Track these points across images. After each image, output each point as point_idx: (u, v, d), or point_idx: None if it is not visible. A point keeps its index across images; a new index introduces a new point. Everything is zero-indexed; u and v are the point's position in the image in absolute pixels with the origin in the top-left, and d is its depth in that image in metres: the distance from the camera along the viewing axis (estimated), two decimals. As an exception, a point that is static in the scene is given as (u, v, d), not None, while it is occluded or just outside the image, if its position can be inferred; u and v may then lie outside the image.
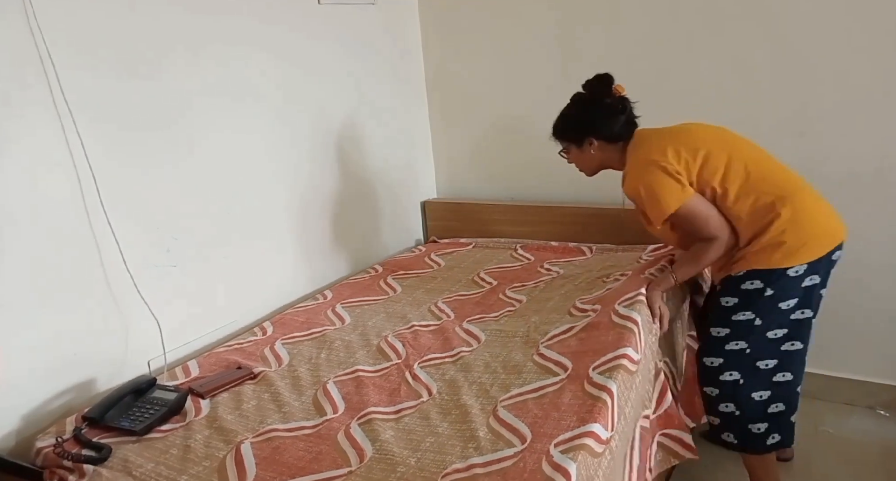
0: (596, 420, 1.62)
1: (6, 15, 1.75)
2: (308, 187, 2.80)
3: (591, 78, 2.21)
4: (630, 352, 1.91)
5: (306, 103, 2.75)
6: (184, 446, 1.72)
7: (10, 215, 1.79)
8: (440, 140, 3.54)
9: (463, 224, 3.41)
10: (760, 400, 2.11)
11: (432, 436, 1.67)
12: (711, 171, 2.04)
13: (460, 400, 1.83)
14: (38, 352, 1.87)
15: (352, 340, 2.30)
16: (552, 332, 2.15)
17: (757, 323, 2.06)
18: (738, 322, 2.08)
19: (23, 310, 1.83)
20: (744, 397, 2.12)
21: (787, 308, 2.04)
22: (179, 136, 2.23)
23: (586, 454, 1.52)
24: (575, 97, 2.26)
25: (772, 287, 2.02)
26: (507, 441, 1.60)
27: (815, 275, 2.04)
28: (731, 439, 2.19)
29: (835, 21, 2.53)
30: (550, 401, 1.75)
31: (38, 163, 1.84)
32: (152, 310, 2.13)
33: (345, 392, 1.95)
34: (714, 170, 2.03)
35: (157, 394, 1.89)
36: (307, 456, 1.64)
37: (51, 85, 1.85)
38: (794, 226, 2.00)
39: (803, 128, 2.68)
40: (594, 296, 2.39)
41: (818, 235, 2.04)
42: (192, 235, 2.29)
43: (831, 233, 2.06)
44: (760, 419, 2.13)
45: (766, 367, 2.09)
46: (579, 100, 2.25)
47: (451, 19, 3.32)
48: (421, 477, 1.50)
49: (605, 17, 2.94)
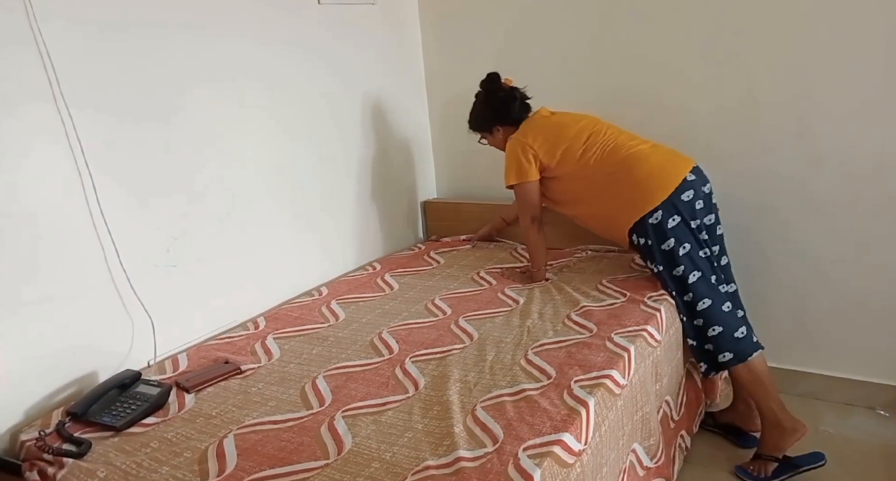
0: (568, 430, 1.63)
1: (9, 29, 1.78)
2: (308, 187, 2.81)
3: (484, 78, 2.69)
4: (616, 375, 1.91)
5: (306, 103, 2.77)
6: (165, 439, 1.74)
7: (10, 215, 1.81)
8: (440, 140, 3.55)
9: (463, 224, 3.41)
10: (729, 311, 2.39)
11: (410, 432, 1.68)
12: (568, 159, 2.50)
13: (443, 397, 1.83)
14: (36, 349, 1.90)
15: (345, 336, 2.30)
16: (542, 340, 2.15)
17: (686, 247, 2.37)
18: (680, 254, 2.37)
19: (22, 309, 1.85)
20: (719, 314, 2.37)
21: (695, 226, 2.39)
22: (179, 136, 2.26)
23: (553, 462, 1.52)
24: (475, 95, 2.74)
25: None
26: (480, 441, 1.61)
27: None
28: (728, 356, 2.39)
29: (835, 21, 2.51)
30: (528, 406, 1.75)
31: (36, 161, 1.87)
32: (151, 308, 2.16)
33: (333, 386, 1.96)
34: (571, 155, 2.49)
35: (140, 389, 1.90)
36: (288, 447, 1.66)
37: (51, 85, 1.88)
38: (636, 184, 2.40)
39: (803, 129, 2.66)
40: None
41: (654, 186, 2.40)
42: (191, 235, 2.32)
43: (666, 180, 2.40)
44: (737, 324, 2.40)
45: (715, 283, 2.41)
46: (479, 97, 2.73)
47: (452, 19, 3.32)
48: (392, 474, 1.51)
49: (606, 17, 2.93)
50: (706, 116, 2.82)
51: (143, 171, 2.15)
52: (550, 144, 2.52)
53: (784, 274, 2.84)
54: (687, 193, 2.36)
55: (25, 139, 1.84)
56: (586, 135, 2.51)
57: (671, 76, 2.86)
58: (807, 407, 2.77)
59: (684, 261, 2.36)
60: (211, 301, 2.41)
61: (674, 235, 2.35)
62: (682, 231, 2.36)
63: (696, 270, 2.36)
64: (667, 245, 2.36)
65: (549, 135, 2.54)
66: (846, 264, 2.71)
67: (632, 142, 2.47)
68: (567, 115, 2.61)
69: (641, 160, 2.42)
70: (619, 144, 2.47)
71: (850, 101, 2.56)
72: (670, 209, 2.35)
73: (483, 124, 2.73)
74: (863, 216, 2.63)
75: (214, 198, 2.40)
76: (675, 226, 2.35)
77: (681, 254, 2.36)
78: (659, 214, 2.35)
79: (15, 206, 1.82)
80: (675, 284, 2.39)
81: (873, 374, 2.78)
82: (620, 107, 2.88)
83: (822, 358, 2.86)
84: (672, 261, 2.37)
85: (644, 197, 2.38)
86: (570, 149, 2.49)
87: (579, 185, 2.53)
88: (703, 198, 2.41)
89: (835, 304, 2.78)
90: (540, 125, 2.59)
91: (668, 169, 2.41)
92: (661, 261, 2.40)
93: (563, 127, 2.55)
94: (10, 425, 1.85)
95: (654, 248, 2.39)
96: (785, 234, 2.79)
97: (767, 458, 2.42)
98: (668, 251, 2.37)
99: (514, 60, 3.17)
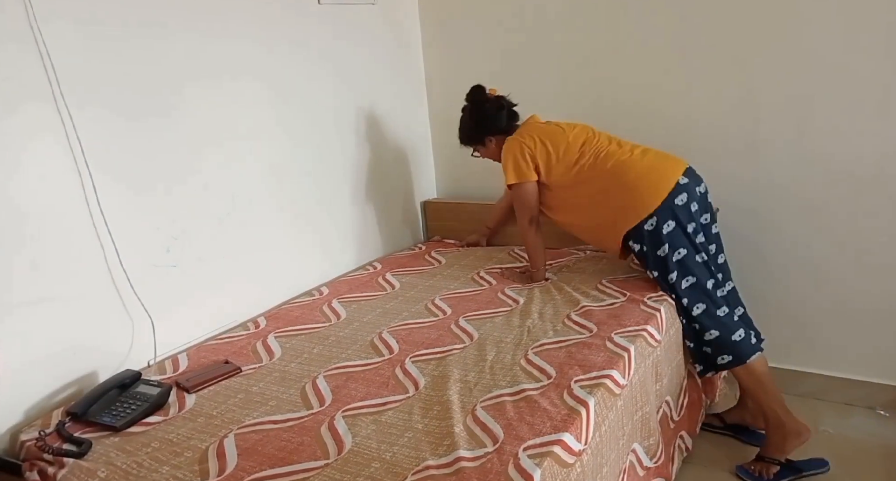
0: (568, 429, 1.63)
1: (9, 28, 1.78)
2: (308, 187, 2.81)
3: (469, 90, 2.70)
4: (616, 375, 1.91)
5: (306, 103, 2.77)
6: (165, 439, 1.74)
7: (10, 214, 1.81)
8: (440, 140, 3.55)
9: (463, 224, 3.41)
10: (725, 314, 2.39)
11: (410, 432, 1.68)
12: (564, 164, 2.51)
13: (443, 397, 1.83)
14: (36, 349, 1.90)
15: (345, 336, 2.31)
16: (543, 340, 2.15)
17: (682, 253, 2.37)
18: (673, 260, 2.36)
19: (21, 309, 1.85)
20: (714, 319, 2.38)
21: (691, 230, 2.37)
22: (180, 136, 2.26)
23: (553, 462, 1.53)
24: (462, 109, 2.74)
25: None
26: (480, 441, 1.61)
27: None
28: (727, 359, 2.39)
29: (835, 21, 2.51)
30: (528, 406, 1.75)
31: (36, 161, 1.87)
32: (151, 308, 2.16)
33: (333, 385, 1.96)
34: (567, 161, 2.50)
35: (140, 389, 1.90)
36: (289, 447, 1.66)
37: (51, 85, 1.88)
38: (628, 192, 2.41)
39: (803, 129, 2.66)
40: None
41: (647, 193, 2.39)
42: (191, 235, 2.32)
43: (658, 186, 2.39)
44: (735, 327, 2.39)
45: (711, 288, 2.39)
46: (466, 110, 2.74)
47: (452, 19, 3.32)
48: (392, 474, 1.51)
49: (605, 16, 2.93)
50: (706, 116, 2.82)
51: (144, 171, 2.15)
52: (547, 149, 2.52)
53: (784, 274, 2.84)
54: (680, 197, 2.36)
55: (25, 139, 1.84)
56: (580, 141, 2.52)
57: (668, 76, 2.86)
58: (807, 407, 2.77)
59: (676, 268, 2.36)
60: (211, 301, 2.41)
61: (668, 241, 2.35)
62: (677, 236, 2.36)
63: (688, 276, 2.36)
64: (661, 251, 2.36)
65: (545, 139, 2.54)
66: (846, 264, 2.71)
67: (622, 149, 2.47)
68: (561, 124, 2.61)
69: (631, 167, 2.41)
70: (610, 152, 2.46)
71: (850, 103, 2.55)
72: (665, 215, 2.34)
73: (474, 137, 2.73)
74: (863, 216, 2.63)
75: (214, 198, 2.40)
76: (671, 231, 2.35)
77: (674, 260, 2.35)
78: (654, 220, 2.35)
79: (14, 206, 1.82)
80: (670, 290, 2.40)
81: (873, 374, 2.78)
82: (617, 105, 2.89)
83: (822, 358, 2.86)
84: (665, 266, 2.37)
85: (637, 204, 2.38)
86: (566, 154, 2.50)
87: (572, 192, 2.53)
88: (697, 199, 2.40)
89: (835, 305, 2.78)
90: (536, 129, 2.59)
91: (659, 174, 2.40)
92: (654, 267, 2.40)
93: (558, 134, 2.55)
94: (10, 425, 1.85)
95: (649, 254, 2.39)
96: (784, 235, 2.79)
97: (770, 461, 2.41)
98: (662, 257, 2.36)
99: (514, 60, 3.18)
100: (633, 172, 2.40)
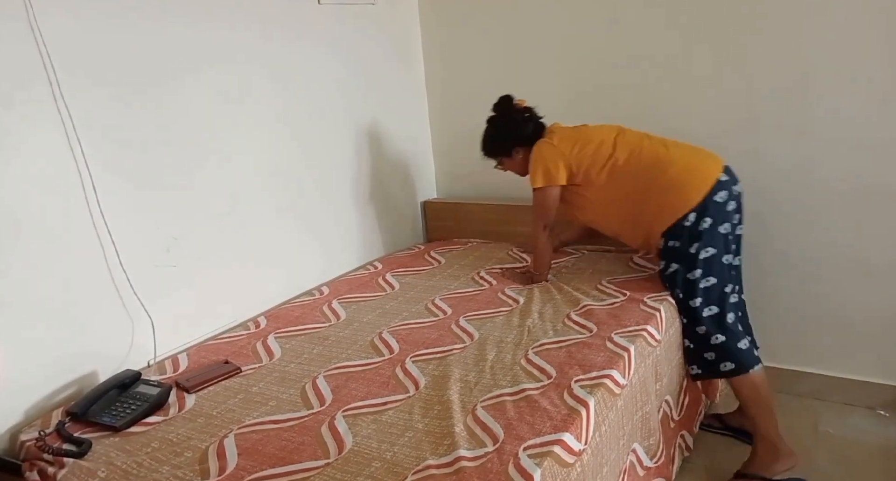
0: (568, 429, 1.63)
1: (6, 21, 1.78)
2: (308, 188, 2.81)
3: (496, 101, 2.63)
4: (616, 375, 1.91)
5: (306, 103, 2.77)
6: (165, 439, 1.74)
7: (9, 214, 1.81)
8: (440, 140, 3.55)
9: (463, 224, 3.42)
10: (733, 322, 2.35)
11: (411, 431, 1.68)
12: (598, 162, 2.45)
13: (444, 397, 1.83)
14: (35, 349, 1.90)
15: (345, 336, 2.31)
16: (543, 340, 2.15)
17: (710, 251, 2.32)
18: (700, 257, 2.32)
19: (23, 309, 1.86)
20: (724, 324, 2.34)
21: (724, 231, 2.33)
22: (180, 136, 2.26)
23: (553, 461, 1.52)
24: (489, 120, 2.66)
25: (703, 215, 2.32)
26: (480, 440, 1.61)
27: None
28: (730, 366, 2.35)
29: (835, 20, 2.51)
30: (528, 406, 1.75)
31: (36, 160, 1.87)
32: (151, 308, 2.16)
33: (334, 385, 1.96)
34: (600, 159, 2.44)
35: (140, 389, 1.90)
36: (289, 447, 1.66)
37: (51, 85, 1.88)
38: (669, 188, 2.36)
39: (803, 129, 2.66)
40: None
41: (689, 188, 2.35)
42: (191, 235, 2.32)
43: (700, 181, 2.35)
44: (741, 336, 2.36)
45: (727, 292, 2.36)
46: (494, 121, 2.66)
47: (452, 19, 3.32)
48: (392, 473, 1.51)
49: (606, 16, 2.93)
50: (705, 117, 2.82)
51: (144, 171, 2.15)
52: (580, 148, 2.47)
53: (784, 274, 2.83)
54: (720, 194, 2.31)
55: (23, 137, 1.84)
56: (612, 138, 2.47)
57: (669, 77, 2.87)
58: (807, 407, 2.77)
59: (702, 266, 2.31)
60: (211, 301, 2.41)
61: (702, 238, 2.31)
62: (711, 234, 2.31)
63: (710, 276, 2.32)
64: (694, 247, 2.31)
65: (577, 138, 2.49)
66: (846, 265, 2.71)
67: (657, 143, 2.44)
68: (587, 126, 2.57)
69: (670, 162, 2.37)
70: (644, 147, 2.42)
71: (851, 106, 2.55)
72: (704, 211, 2.30)
73: (502, 148, 2.65)
74: (863, 215, 2.62)
75: (214, 198, 2.40)
76: (707, 228, 2.30)
77: (701, 258, 2.31)
78: (693, 216, 2.31)
79: (14, 206, 1.82)
80: (686, 287, 2.35)
81: (873, 374, 2.77)
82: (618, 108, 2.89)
83: (822, 358, 2.86)
84: (692, 263, 2.33)
85: (680, 199, 2.33)
86: (598, 151, 2.45)
87: (607, 190, 2.46)
88: (735, 198, 2.36)
89: (835, 305, 2.77)
90: (564, 132, 2.55)
91: (700, 170, 2.36)
92: (680, 261, 2.36)
93: (587, 133, 2.52)
94: (10, 425, 1.85)
95: (681, 250, 2.34)
96: (785, 235, 2.79)
97: (753, 477, 2.36)
98: (693, 254, 2.32)
99: (514, 60, 3.18)
100: (673, 167, 2.36)
